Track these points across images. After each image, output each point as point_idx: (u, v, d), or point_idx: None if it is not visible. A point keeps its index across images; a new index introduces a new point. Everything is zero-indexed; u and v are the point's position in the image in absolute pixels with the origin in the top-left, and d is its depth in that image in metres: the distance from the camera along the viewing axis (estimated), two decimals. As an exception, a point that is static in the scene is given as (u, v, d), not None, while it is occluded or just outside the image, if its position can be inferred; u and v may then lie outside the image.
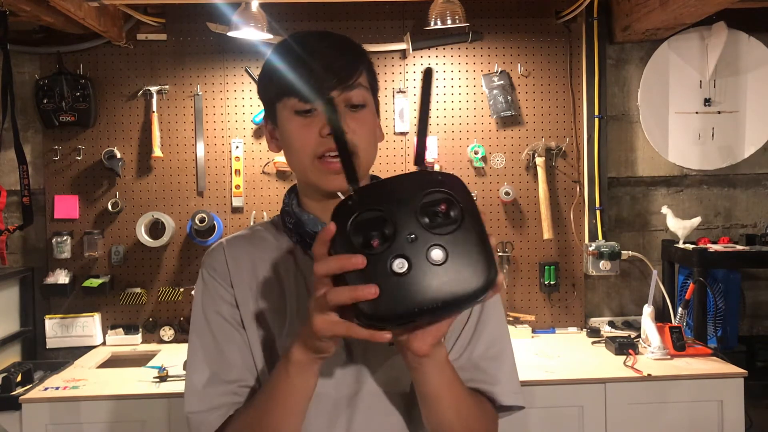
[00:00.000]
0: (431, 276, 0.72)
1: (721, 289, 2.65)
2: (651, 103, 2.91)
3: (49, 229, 2.75)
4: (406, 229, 0.73)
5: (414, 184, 0.76)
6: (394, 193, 0.75)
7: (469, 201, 0.76)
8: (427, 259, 0.73)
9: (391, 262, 0.72)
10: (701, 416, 2.26)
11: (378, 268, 0.73)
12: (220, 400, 1.00)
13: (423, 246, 0.73)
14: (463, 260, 0.73)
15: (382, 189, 0.76)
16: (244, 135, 2.79)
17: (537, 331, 2.82)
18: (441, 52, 2.82)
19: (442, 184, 0.76)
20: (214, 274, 1.05)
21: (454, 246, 0.74)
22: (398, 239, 0.73)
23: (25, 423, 2.15)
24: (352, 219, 0.74)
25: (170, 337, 2.75)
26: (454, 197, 0.75)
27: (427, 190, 0.75)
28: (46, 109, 2.68)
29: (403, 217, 0.74)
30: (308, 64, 0.95)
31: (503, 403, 1.02)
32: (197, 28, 2.76)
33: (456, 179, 0.77)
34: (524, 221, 2.85)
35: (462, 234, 0.74)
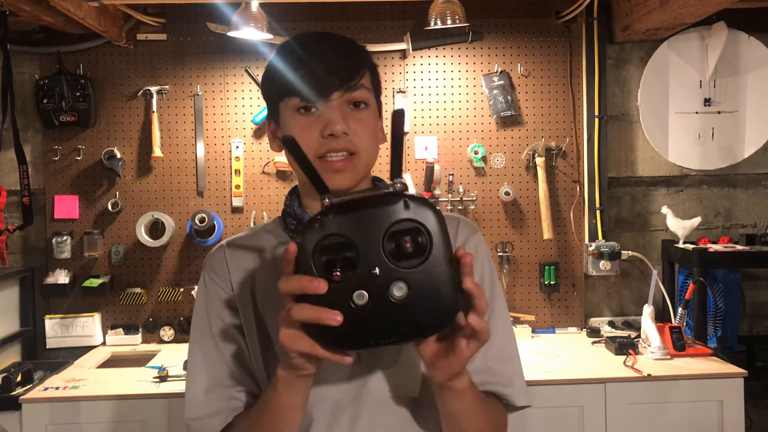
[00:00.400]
0: (390, 311, 0.73)
1: (721, 289, 2.65)
2: (651, 103, 2.91)
3: (49, 229, 2.75)
4: (371, 261, 0.73)
5: (384, 211, 0.74)
6: (363, 219, 0.74)
7: (439, 231, 0.75)
8: (387, 295, 0.73)
9: (352, 293, 0.73)
10: (701, 416, 2.26)
11: (339, 295, 0.73)
12: (219, 405, 1.00)
13: (385, 280, 0.73)
14: (424, 296, 0.73)
15: (351, 212, 0.75)
16: (244, 135, 2.79)
17: (537, 331, 2.82)
18: (441, 52, 2.82)
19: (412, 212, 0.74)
20: (215, 277, 1.05)
21: (416, 281, 0.73)
22: (361, 270, 0.73)
23: (25, 423, 2.15)
24: (317, 243, 0.74)
25: (170, 337, 2.75)
26: (423, 228, 0.74)
27: (396, 219, 0.74)
28: (46, 109, 2.68)
29: (369, 247, 0.73)
30: (310, 64, 0.95)
31: (518, 404, 1.04)
32: (197, 28, 2.76)
33: (428, 207, 0.75)
34: (524, 221, 2.85)
35: (427, 268, 0.73)
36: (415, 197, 0.75)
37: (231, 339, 1.02)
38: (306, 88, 0.94)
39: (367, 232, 0.73)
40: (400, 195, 0.75)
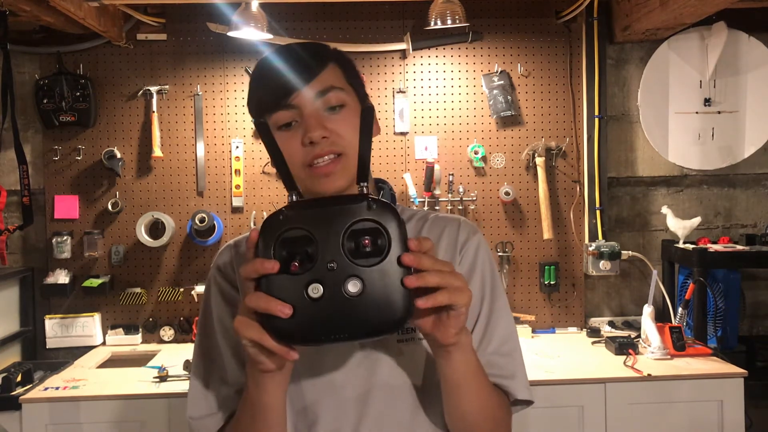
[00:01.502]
0: (343, 306, 0.74)
1: (721, 289, 2.64)
2: (651, 103, 2.91)
3: (49, 229, 2.75)
4: (329, 255, 0.74)
5: (347, 209, 0.76)
6: (325, 215, 0.76)
7: (398, 234, 0.76)
8: (342, 290, 0.74)
9: (307, 286, 0.74)
10: (701, 416, 2.26)
11: (294, 288, 0.74)
12: (220, 404, 1.01)
13: (341, 275, 0.74)
14: (377, 295, 0.74)
15: (315, 208, 0.77)
16: (244, 135, 2.79)
17: (537, 331, 2.82)
18: (441, 52, 2.82)
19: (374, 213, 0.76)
20: (222, 277, 1.06)
21: (372, 279, 0.74)
22: (319, 264, 0.74)
23: (25, 423, 2.15)
24: (278, 234, 0.76)
25: (170, 337, 2.75)
26: (383, 228, 0.75)
27: (357, 218, 0.75)
28: (46, 109, 2.68)
29: (328, 242, 0.75)
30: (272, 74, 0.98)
31: (519, 396, 1.04)
32: (197, 28, 2.76)
33: (389, 210, 0.76)
34: (524, 221, 2.85)
35: (383, 268, 0.75)
36: (378, 200, 0.77)
37: (234, 339, 1.03)
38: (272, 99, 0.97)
39: (328, 227, 0.75)
40: (364, 196, 0.77)
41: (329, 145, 0.96)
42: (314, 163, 0.97)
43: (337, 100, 0.98)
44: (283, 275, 0.74)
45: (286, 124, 0.98)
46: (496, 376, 1.02)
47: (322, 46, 1.03)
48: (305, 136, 0.96)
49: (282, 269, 0.75)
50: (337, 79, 1.00)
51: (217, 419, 1.01)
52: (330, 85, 0.98)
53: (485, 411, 0.97)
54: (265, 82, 0.99)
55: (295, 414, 0.99)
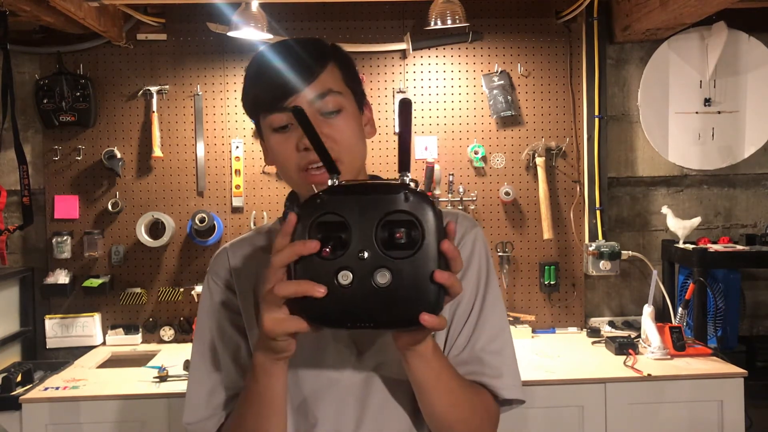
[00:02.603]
0: (370, 296, 0.74)
1: (721, 289, 2.64)
2: (651, 103, 2.91)
3: (49, 229, 2.75)
4: (361, 244, 0.75)
5: (383, 199, 0.76)
6: (362, 203, 0.76)
7: (434, 229, 0.75)
8: (371, 280, 0.74)
9: (338, 272, 0.74)
10: (701, 416, 2.26)
11: (325, 272, 0.75)
12: (217, 408, 1.01)
13: (371, 265, 0.74)
14: (406, 288, 0.75)
15: (352, 194, 0.77)
16: (244, 135, 2.79)
17: (537, 331, 2.82)
18: (441, 52, 2.82)
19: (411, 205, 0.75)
20: (218, 281, 1.06)
21: (401, 271, 0.74)
22: (351, 251, 0.75)
23: (25, 423, 2.15)
24: (315, 218, 0.76)
25: (170, 337, 2.75)
26: (418, 221, 0.75)
27: (393, 209, 0.75)
28: (46, 109, 2.68)
29: (362, 230, 0.75)
30: (269, 75, 0.96)
31: (505, 396, 1.02)
32: (197, 28, 2.76)
33: (427, 203, 0.76)
34: (524, 221, 2.85)
35: (414, 262, 0.75)
36: (416, 192, 0.76)
37: (232, 344, 1.03)
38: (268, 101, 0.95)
39: (363, 216, 0.75)
40: (403, 186, 0.76)
41: None
42: (308, 169, 0.96)
43: (334, 104, 0.97)
44: (316, 259, 0.75)
45: (281, 127, 0.97)
46: (482, 374, 1.01)
47: (322, 44, 1.01)
48: (300, 141, 0.95)
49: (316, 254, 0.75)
50: (336, 82, 0.98)
51: (215, 422, 1.01)
52: (328, 89, 0.96)
53: (455, 412, 0.95)
54: (263, 80, 0.97)
55: (295, 413, 0.99)
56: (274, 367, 0.86)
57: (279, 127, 0.97)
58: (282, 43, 1.01)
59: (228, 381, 1.02)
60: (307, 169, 0.96)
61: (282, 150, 0.97)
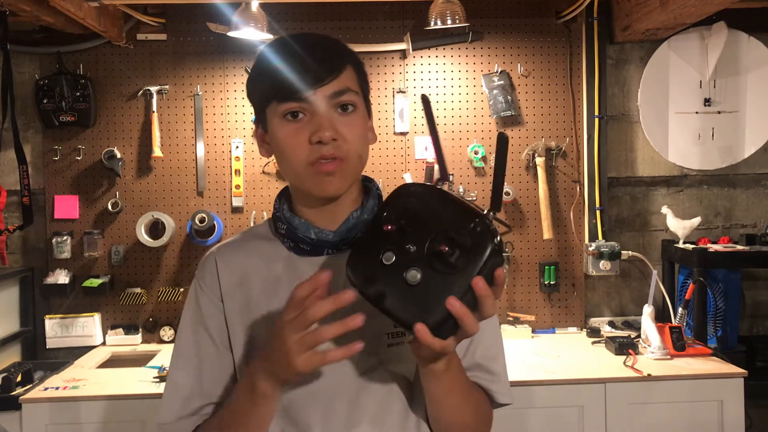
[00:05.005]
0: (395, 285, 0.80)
1: (721, 289, 2.64)
2: (651, 103, 2.91)
3: (49, 229, 2.75)
4: (416, 240, 0.81)
5: (458, 218, 0.81)
6: (440, 211, 0.83)
7: (480, 264, 0.79)
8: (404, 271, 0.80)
9: (384, 252, 0.81)
10: (701, 416, 2.26)
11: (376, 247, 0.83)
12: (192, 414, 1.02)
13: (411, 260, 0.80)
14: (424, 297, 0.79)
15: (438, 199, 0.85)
16: (244, 135, 2.79)
17: (537, 331, 2.82)
18: (441, 52, 2.82)
19: (471, 234, 0.80)
20: (205, 287, 1.05)
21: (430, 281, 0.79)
22: (403, 241, 0.81)
23: (25, 423, 2.15)
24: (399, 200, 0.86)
25: (170, 337, 2.75)
26: (470, 251, 0.79)
27: (458, 229, 0.80)
28: (46, 109, 2.68)
29: (424, 231, 0.81)
30: (290, 64, 0.94)
31: (499, 401, 1.08)
32: (197, 28, 2.76)
33: (490, 239, 0.80)
34: (524, 221, 2.85)
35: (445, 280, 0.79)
36: (488, 225, 0.81)
37: (213, 352, 1.03)
38: (287, 89, 0.94)
39: (434, 221, 0.82)
40: (482, 216, 0.82)
41: (335, 148, 0.94)
42: (317, 163, 0.95)
43: (351, 103, 0.97)
44: (375, 233, 0.84)
45: (292, 113, 0.95)
46: (482, 378, 1.06)
47: (344, 45, 1.01)
48: (315, 134, 0.93)
49: (377, 227, 0.84)
50: (353, 83, 0.98)
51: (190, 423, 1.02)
52: (348, 87, 0.96)
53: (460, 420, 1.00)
54: (285, 68, 0.95)
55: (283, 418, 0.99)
56: (277, 392, 0.90)
57: (291, 112, 0.95)
58: (306, 35, 1.00)
59: (205, 389, 1.02)
60: (315, 163, 0.95)
61: (292, 141, 0.95)
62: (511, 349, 2.16)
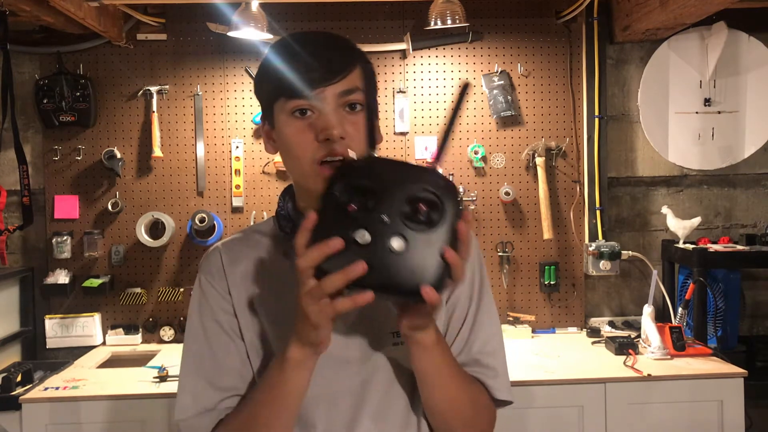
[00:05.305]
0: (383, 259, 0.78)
1: (721, 289, 2.64)
2: (651, 103, 2.91)
3: (49, 229, 2.75)
4: (385, 210, 0.79)
5: (416, 177, 0.81)
6: (396, 175, 0.81)
7: (453, 213, 0.80)
8: (386, 243, 0.78)
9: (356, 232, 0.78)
10: (701, 416, 2.26)
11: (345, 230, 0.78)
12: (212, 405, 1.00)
13: (390, 230, 0.78)
14: (416, 260, 0.78)
15: (390, 166, 0.82)
16: (244, 135, 2.79)
17: (537, 331, 2.82)
18: (441, 52, 2.82)
19: (439, 188, 0.80)
20: (211, 280, 1.04)
21: (415, 243, 0.78)
22: (374, 215, 0.78)
23: (25, 423, 2.15)
24: (348, 177, 0.81)
25: (170, 337, 2.75)
26: (442, 204, 0.79)
27: (422, 186, 0.80)
28: (46, 109, 2.68)
29: (389, 198, 0.79)
30: (299, 61, 0.94)
31: (499, 396, 1.06)
32: (197, 28, 2.76)
33: (453, 190, 0.81)
34: (524, 221, 2.85)
35: (428, 237, 0.79)
36: (446, 178, 0.83)
37: (226, 343, 1.02)
38: (296, 86, 0.94)
39: (394, 187, 0.80)
40: (435, 171, 0.82)
41: (342, 147, 0.94)
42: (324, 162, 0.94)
43: (358, 102, 0.97)
44: (340, 216, 0.79)
45: (301, 111, 0.95)
46: (480, 374, 1.04)
47: (354, 44, 1.02)
48: (323, 132, 0.93)
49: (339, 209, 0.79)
50: (361, 82, 0.99)
51: (211, 418, 1.00)
52: (355, 86, 0.97)
53: (455, 407, 0.99)
54: (295, 65, 0.95)
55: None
56: (308, 361, 0.88)
57: (299, 109, 0.95)
58: (317, 33, 1.00)
59: (221, 382, 1.01)
60: (322, 162, 0.95)
61: (298, 139, 0.95)
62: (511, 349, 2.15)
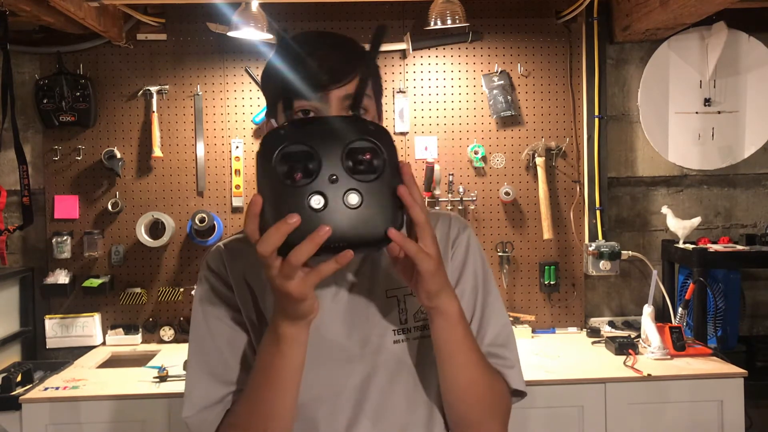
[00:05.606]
0: (344, 217, 0.77)
1: (721, 289, 2.64)
2: (651, 103, 2.91)
3: (49, 229, 2.75)
4: (330, 169, 0.77)
5: (347, 128, 0.80)
6: (326, 133, 0.79)
7: (392, 155, 0.81)
8: (342, 201, 0.77)
9: (310, 198, 0.77)
10: (701, 416, 2.26)
11: (297, 200, 0.77)
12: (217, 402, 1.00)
13: (342, 188, 0.77)
14: (374, 208, 0.78)
15: (315, 125, 0.80)
16: (244, 135, 2.79)
17: (537, 331, 2.82)
18: (441, 52, 2.82)
19: (373, 134, 0.80)
20: (215, 277, 1.05)
21: (369, 193, 0.78)
22: (321, 177, 0.77)
23: (25, 423, 2.15)
24: (280, 149, 0.78)
25: (170, 337, 2.75)
26: (380, 149, 0.80)
27: (357, 137, 0.79)
28: (46, 109, 2.68)
29: (330, 157, 0.78)
30: (306, 62, 0.94)
31: (514, 386, 1.05)
32: (197, 28, 2.76)
33: (386, 133, 0.81)
34: (524, 221, 2.85)
35: (379, 184, 0.79)
36: (376, 123, 0.82)
37: (231, 338, 1.02)
38: (301, 86, 0.94)
39: (329, 144, 0.78)
40: (362, 119, 0.82)
41: None
42: None
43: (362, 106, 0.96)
44: (286, 188, 0.77)
45: (303, 111, 0.95)
46: (496, 364, 1.04)
47: (362, 47, 1.01)
48: None
49: (285, 181, 0.77)
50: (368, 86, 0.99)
51: (215, 415, 1.00)
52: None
53: (476, 392, 0.98)
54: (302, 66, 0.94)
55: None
56: (302, 334, 0.87)
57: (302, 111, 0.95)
58: (326, 34, 1.01)
59: (227, 376, 1.01)
60: None
61: None
62: (511, 349, 2.15)
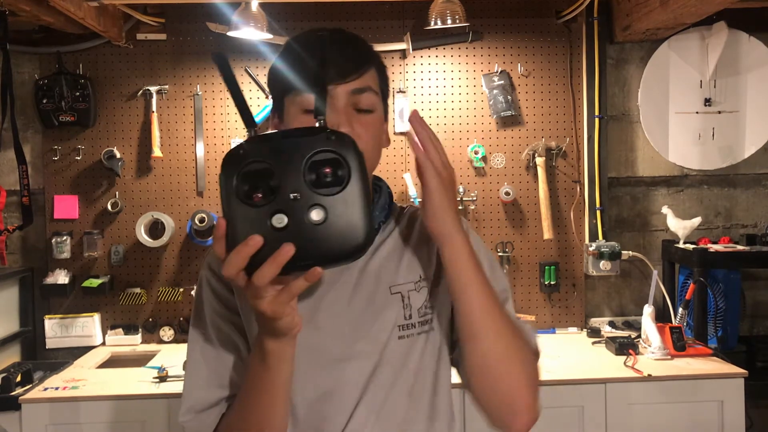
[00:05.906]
0: (307, 234, 0.75)
1: (721, 289, 2.64)
2: (651, 103, 2.91)
3: (49, 229, 2.75)
4: (291, 186, 0.75)
5: (306, 141, 0.77)
6: (285, 148, 0.77)
7: (357, 163, 0.78)
8: (305, 218, 0.75)
9: (272, 217, 0.75)
10: (701, 416, 2.26)
11: (258, 220, 0.75)
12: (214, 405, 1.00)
13: (304, 205, 0.75)
14: (340, 223, 0.76)
15: (274, 141, 0.77)
16: (244, 135, 2.79)
17: (537, 331, 2.80)
18: (441, 52, 2.82)
19: (334, 144, 0.77)
20: (215, 277, 1.05)
21: (334, 207, 0.76)
22: (282, 195, 0.75)
23: (24, 423, 2.15)
24: (240, 168, 0.76)
25: (170, 337, 2.75)
26: (343, 159, 0.77)
27: (317, 149, 0.77)
28: (46, 109, 2.68)
29: (290, 173, 0.76)
30: (312, 58, 0.94)
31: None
32: (197, 28, 2.76)
33: (349, 141, 0.78)
34: (524, 221, 2.85)
35: (344, 196, 0.76)
36: (336, 132, 0.78)
37: (229, 340, 1.02)
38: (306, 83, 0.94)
39: (289, 159, 0.76)
40: (323, 128, 0.78)
41: None
42: None
43: (369, 103, 0.97)
44: (248, 209, 0.75)
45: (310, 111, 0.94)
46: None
47: (370, 46, 1.02)
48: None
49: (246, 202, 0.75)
50: (374, 83, 0.99)
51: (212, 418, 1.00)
52: (368, 86, 0.97)
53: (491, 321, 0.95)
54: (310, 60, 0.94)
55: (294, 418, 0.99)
56: (286, 349, 0.86)
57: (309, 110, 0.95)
58: (335, 31, 1.00)
59: (225, 379, 1.01)
60: None
61: None
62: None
